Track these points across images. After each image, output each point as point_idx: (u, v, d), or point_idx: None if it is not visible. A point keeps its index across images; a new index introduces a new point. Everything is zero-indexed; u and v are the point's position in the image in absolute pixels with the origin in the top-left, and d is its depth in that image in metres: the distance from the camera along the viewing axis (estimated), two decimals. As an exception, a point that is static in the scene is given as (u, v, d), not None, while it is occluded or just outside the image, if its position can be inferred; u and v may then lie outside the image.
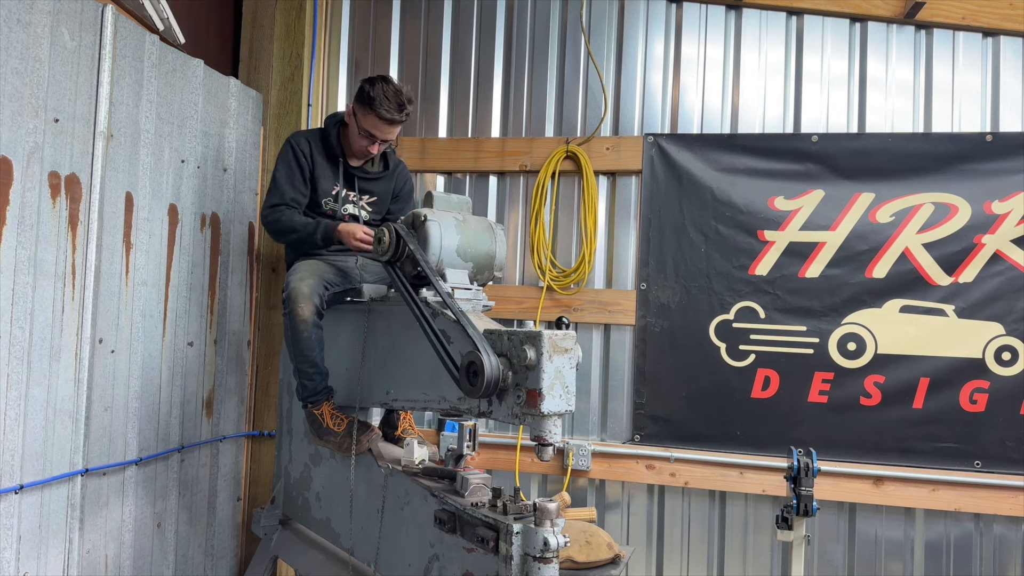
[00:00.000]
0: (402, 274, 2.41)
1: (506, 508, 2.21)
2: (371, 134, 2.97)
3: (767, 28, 3.77)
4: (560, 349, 1.98)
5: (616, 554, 2.91)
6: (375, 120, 2.93)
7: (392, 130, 2.99)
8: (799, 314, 3.59)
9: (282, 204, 3.02)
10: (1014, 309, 3.42)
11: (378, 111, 2.90)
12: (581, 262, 3.80)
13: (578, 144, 3.82)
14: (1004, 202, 3.45)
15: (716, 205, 3.69)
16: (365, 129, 2.97)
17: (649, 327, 3.74)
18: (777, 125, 3.74)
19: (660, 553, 3.74)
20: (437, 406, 2.43)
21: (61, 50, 2.61)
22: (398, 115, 2.92)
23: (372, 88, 2.91)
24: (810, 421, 3.56)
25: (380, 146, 3.04)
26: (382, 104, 2.89)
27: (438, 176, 4.06)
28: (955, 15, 3.57)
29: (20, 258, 2.46)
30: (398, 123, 2.97)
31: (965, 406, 3.44)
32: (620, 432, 3.79)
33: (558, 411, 1.98)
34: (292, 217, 3.00)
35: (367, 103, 2.92)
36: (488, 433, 3.84)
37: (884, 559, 3.55)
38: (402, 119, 2.96)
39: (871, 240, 3.54)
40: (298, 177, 3.04)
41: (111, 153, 2.86)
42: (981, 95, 3.60)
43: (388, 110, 2.90)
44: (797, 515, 2.81)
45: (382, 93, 2.89)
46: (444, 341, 2.19)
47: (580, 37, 3.90)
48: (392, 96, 2.90)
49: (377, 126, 2.95)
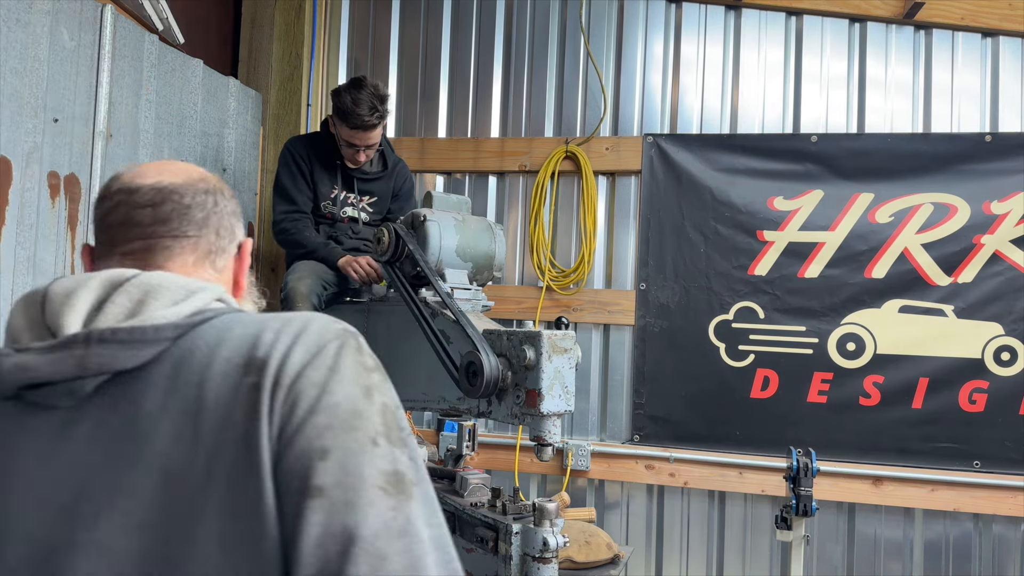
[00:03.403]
0: (401, 274, 2.41)
1: (505, 508, 2.22)
2: (352, 143, 2.97)
3: (766, 28, 3.77)
4: (559, 349, 1.98)
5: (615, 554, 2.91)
6: (350, 131, 2.92)
7: (371, 135, 2.97)
8: (798, 314, 3.59)
9: (295, 211, 3.02)
10: (1013, 309, 3.42)
11: (350, 122, 2.89)
12: (580, 262, 3.80)
13: (577, 144, 3.82)
14: (1003, 202, 3.45)
15: (715, 205, 3.69)
16: (344, 140, 2.97)
17: (648, 327, 3.74)
18: (776, 125, 3.74)
19: (659, 553, 3.74)
20: (436, 406, 2.43)
21: (60, 50, 2.61)
22: (370, 119, 2.89)
23: (340, 99, 2.89)
24: (809, 421, 3.56)
25: (366, 152, 3.04)
26: (352, 114, 2.86)
27: (437, 176, 4.05)
28: (954, 15, 3.57)
29: (19, 258, 2.46)
30: (373, 127, 2.94)
31: (964, 406, 3.44)
32: (619, 432, 3.79)
33: (557, 411, 1.98)
34: (303, 231, 3.00)
35: (340, 115, 2.91)
36: (487, 433, 3.84)
37: (883, 559, 3.55)
38: (375, 123, 2.93)
39: (870, 240, 3.54)
40: (301, 182, 3.05)
41: (110, 153, 2.85)
42: (980, 95, 3.60)
43: (359, 118, 2.87)
44: (796, 515, 2.81)
45: (351, 102, 2.86)
46: (443, 341, 2.20)
47: (579, 37, 3.90)
48: (363, 102, 2.86)
49: (354, 135, 2.94)
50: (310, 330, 0.79)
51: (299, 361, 0.76)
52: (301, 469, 0.71)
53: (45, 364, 0.77)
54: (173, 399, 0.76)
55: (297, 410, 0.74)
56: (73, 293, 0.82)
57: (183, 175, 0.95)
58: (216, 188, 0.97)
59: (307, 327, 0.80)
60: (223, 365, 0.77)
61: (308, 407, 0.74)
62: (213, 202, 0.95)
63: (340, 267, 2.90)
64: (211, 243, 0.94)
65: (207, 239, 0.93)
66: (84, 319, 0.80)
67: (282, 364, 0.76)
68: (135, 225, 0.90)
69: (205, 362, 0.77)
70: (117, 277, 0.83)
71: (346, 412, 0.74)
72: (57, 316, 0.80)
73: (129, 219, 0.90)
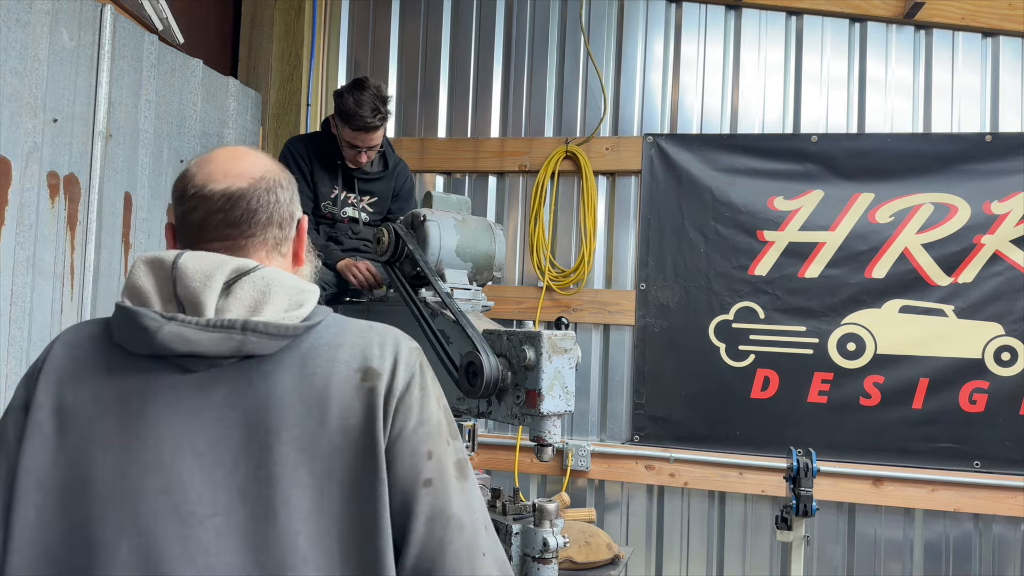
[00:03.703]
0: (401, 274, 2.40)
1: (505, 508, 2.21)
2: (354, 144, 2.97)
3: (767, 28, 3.77)
4: (559, 349, 1.98)
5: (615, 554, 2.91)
6: (352, 132, 2.93)
7: (373, 136, 2.97)
8: (798, 314, 3.59)
9: None
10: (1013, 309, 3.42)
11: (352, 123, 2.89)
12: (580, 262, 3.80)
13: (577, 144, 3.82)
14: (1003, 202, 3.45)
15: (715, 205, 3.68)
16: (346, 141, 2.97)
17: (648, 327, 3.73)
18: (777, 125, 3.74)
19: (659, 553, 3.73)
20: (436, 406, 2.42)
21: (60, 50, 2.61)
22: (373, 120, 2.90)
23: (342, 100, 2.90)
24: (809, 421, 3.56)
25: (368, 153, 3.04)
26: (355, 115, 2.87)
27: (437, 176, 4.05)
28: (954, 15, 3.57)
29: (19, 258, 2.46)
30: (376, 128, 2.95)
31: (964, 406, 3.44)
32: (619, 432, 3.79)
33: (557, 411, 1.98)
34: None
35: (342, 117, 2.92)
36: (487, 433, 3.84)
37: (883, 559, 3.55)
38: (378, 124, 2.94)
39: (871, 240, 3.54)
40: (302, 182, 3.05)
41: (110, 153, 2.85)
42: (980, 95, 3.60)
43: (362, 119, 2.88)
44: (796, 515, 2.81)
45: (353, 104, 2.87)
46: (443, 341, 2.19)
47: (579, 37, 3.90)
48: (365, 103, 2.87)
49: (356, 137, 2.94)
50: (402, 351, 1.06)
51: (403, 380, 1.03)
52: (414, 465, 0.99)
53: (208, 341, 0.96)
54: (303, 385, 0.99)
55: (409, 421, 1.01)
56: (211, 276, 0.99)
57: (247, 177, 1.10)
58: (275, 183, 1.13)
59: (399, 348, 1.06)
60: (344, 367, 1.01)
61: (416, 421, 1.02)
62: (275, 199, 1.11)
63: (339, 270, 2.90)
64: (276, 236, 1.12)
65: (272, 234, 1.12)
66: (216, 301, 0.99)
67: (392, 379, 1.02)
68: (213, 228, 1.08)
69: (329, 361, 1.01)
70: (242, 267, 1.02)
71: (436, 421, 1.04)
72: (197, 294, 0.98)
73: (207, 223, 1.08)
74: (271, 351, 1.00)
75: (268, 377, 0.99)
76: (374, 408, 0.99)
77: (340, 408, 0.98)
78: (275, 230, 1.11)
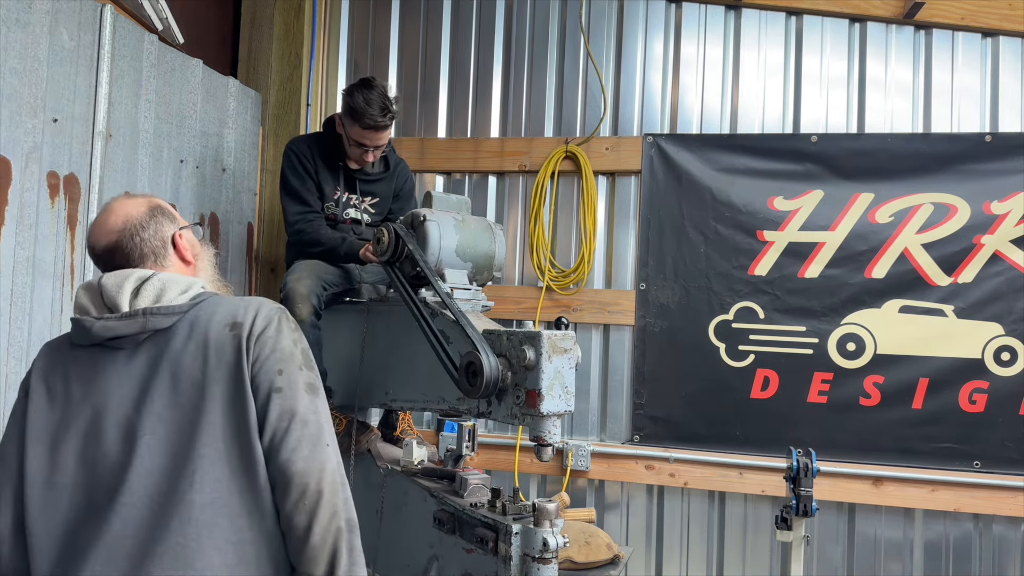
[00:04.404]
0: (401, 274, 2.40)
1: (505, 508, 2.21)
2: (361, 143, 2.97)
3: (766, 28, 3.77)
4: (559, 349, 1.98)
5: (615, 554, 2.91)
6: (361, 131, 2.93)
7: (381, 135, 2.98)
8: (798, 314, 3.59)
9: (309, 211, 3.03)
10: (1013, 309, 3.42)
11: (362, 122, 2.90)
12: (580, 262, 3.80)
13: (577, 144, 3.82)
14: (1003, 202, 3.45)
15: (715, 205, 3.68)
16: (354, 140, 2.97)
17: (648, 327, 3.74)
18: (776, 125, 3.74)
19: (659, 553, 3.73)
20: (436, 406, 2.42)
21: (60, 50, 2.61)
22: (382, 119, 2.91)
23: (352, 99, 2.91)
24: (809, 421, 3.56)
25: (375, 152, 3.04)
26: (365, 114, 2.88)
27: (437, 176, 4.05)
28: (954, 15, 3.57)
29: (19, 258, 2.46)
30: (385, 127, 2.96)
31: (964, 406, 3.44)
32: (619, 432, 3.79)
33: (557, 411, 1.98)
34: (319, 229, 3.00)
35: (351, 115, 2.92)
36: (487, 433, 3.84)
37: (883, 559, 3.55)
38: (387, 123, 2.95)
39: (870, 240, 3.54)
40: (309, 182, 3.05)
41: (110, 153, 2.85)
42: (980, 95, 3.60)
43: (372, 118, 2.88)
44: (796, 515, 2.81)
45: (363, 102, 2.88)
46: (443, 341, 2.19)
47: (579, 37, 3.90)
48: (374, 102, 2.88)
49: (364, 135, 2.95)
50: (263, 308, 1.47)
51: (261, 325, 1.44)
52: (268, 380, 1.40)
53: (124, 327, 1.42)
54: (191, 342, 1.42)
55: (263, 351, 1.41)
56: (121, 285, 1.45)
57: (114, 232, 1.53)
58: (136, 228, 1.54)
59: (261, 306, 1.47)
60: (218, 325, 1.43)
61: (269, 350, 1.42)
62: (138, 240, 1.53)
63: (362, 256, 2.91)
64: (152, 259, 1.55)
65: (150, 259, 1.55)
66: (129, 300, 1.44)
67: (252, 325, 1.43)
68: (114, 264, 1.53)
69: (207, 322, 1.43)
70: (143, 276, 1.48)
71: (288, 352, 1.43)
72: (114, 298, 1.44)
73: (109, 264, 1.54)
74: (168, 324, 1.43)
75: (170, 341, 1.42)
76: (239, 346, 1.40)
77: (217, 351, 1.40)
78: (151, 256, 1.54)
